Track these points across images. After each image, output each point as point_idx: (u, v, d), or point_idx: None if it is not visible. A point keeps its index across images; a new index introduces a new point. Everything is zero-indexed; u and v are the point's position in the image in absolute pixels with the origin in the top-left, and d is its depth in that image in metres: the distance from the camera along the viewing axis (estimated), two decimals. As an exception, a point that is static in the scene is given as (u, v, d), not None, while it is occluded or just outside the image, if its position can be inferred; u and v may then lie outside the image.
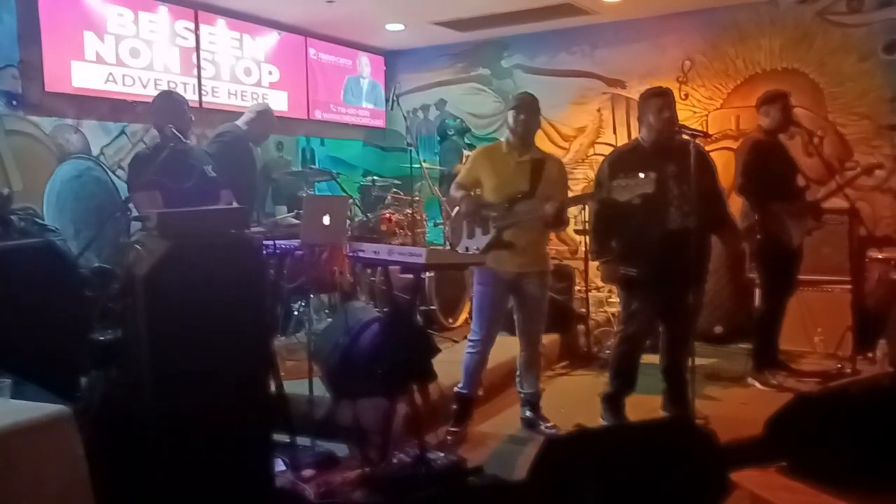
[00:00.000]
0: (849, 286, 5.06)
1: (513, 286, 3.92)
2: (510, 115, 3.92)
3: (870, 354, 4.81)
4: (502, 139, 4.07)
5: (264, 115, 4.98)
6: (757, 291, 4.98)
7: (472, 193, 3.96)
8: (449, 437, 3.85)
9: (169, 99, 4.14)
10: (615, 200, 3.60)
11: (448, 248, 4.91)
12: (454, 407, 3.98)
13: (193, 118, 4.19)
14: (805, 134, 5.26)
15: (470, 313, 4.83)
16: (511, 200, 3.82)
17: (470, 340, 3.98)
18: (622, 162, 3.78)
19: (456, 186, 4.05)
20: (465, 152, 6.78)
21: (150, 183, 3.70)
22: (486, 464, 3.51)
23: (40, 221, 4.01)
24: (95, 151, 5.35)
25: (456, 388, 4.00)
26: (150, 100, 4.46)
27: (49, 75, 4.98)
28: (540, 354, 4.11)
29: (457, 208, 4.08)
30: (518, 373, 4.13)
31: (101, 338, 2.82)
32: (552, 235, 7.28)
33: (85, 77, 5.18)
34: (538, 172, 3.88)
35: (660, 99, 3.81)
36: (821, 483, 3.11)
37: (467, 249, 3.92)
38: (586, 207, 5.35)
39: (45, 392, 2.53)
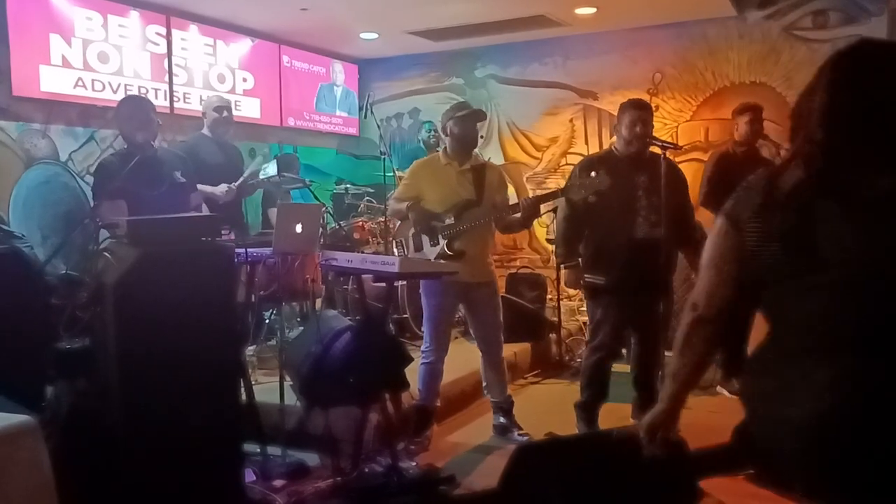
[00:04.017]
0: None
1: (462, 296, 3.93)
2: (451, 124, 3.91)
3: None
4: (438, 151, 4.09)
5: (213, 111, 4.90)
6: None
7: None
8: (411, 447, 3.83)
9: (133, 104, 4.08)
10: (582, 203, 3.67)
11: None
12: (414, 419, 3.94)
13: (161, 122, 4.15)
14: (772, 146, 5.36)
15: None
16: (459, 209, 3.84)
17: (423, 352, 3.97)
18: (591, 167, 3.81)
19: (396, 201, 4.06)
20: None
21: (117, 192, 3.64)
22: (458, 472, 3.51)
23: (6, 228, 3.95)
24: (64, 157, 5.27)
25: (413, 401, 3.96)
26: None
27: (16, 79, 4.90)
28: (502, 360, 4.11)
29: (399, 223, 4.10)
30: (484, 382, 4.14)
31: (69, 346, 2.78)
32: (525, 244, 7.36)
33: (53, 81, 5.11)
34: (481, 180, 3.91)
35: (634, 111, 3.86)
36: (788, 491, 3.16)
37: None
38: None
39: (9, 402, 2.48)
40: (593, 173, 3.59)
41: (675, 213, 3.75)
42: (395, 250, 4.21)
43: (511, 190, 5.75)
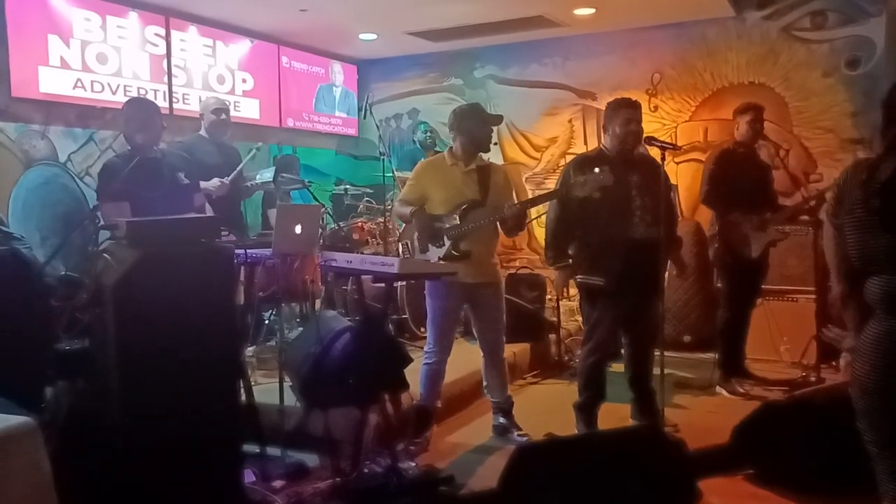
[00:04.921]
0: (813, 296, 5.15)
1: (468, 297, 3.92)
2: (470, 124, 3.90)
3: (833, 363, 4.90)
4: (444, 151, 4.09)
5: (212, 112, 4.92)
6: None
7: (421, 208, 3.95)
8: (411, 448, 3.82)
9: (137, 107, 4.08)
10: (575, 202, 3.67)
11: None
12: (414, 420, 3.92)
13: (165, 125, 4.15)
14: (771, 146, 5.36)
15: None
16: (464, 210, 3.84)
17: (426, 353, 3.96)
18: (585, 166, 3.80)
19: (401, 203, 4.04)
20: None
21: (119, 193, 3.65)
22: (458, 473, 3.51)
23: (5, 229, 3.93)
24: (63, 158, 5.27)
25: (415, 402, 3.94)
26: (118, 106, 4.41)
27: (15, 80, 4.90)
28: (503, 361, 4.10)
29: (403, 225, 4.08)
30: (485, 382, 4.14)
31: (68, 348, 2.78)
32: (524, 245, 7.36)
33: (52, 83, 5.11)
34: (486, 180, 3.91)
35: (628, 110, 3.85)
36: (787, 491, 3.16)
37: None
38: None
39: (9, 403, 2.48)
40: (597, 169, 3.58)
41: (663, 213, 3.75)
42: (400, 252, 4.21)
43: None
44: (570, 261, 3.91)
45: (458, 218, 3.83)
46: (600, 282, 3.81)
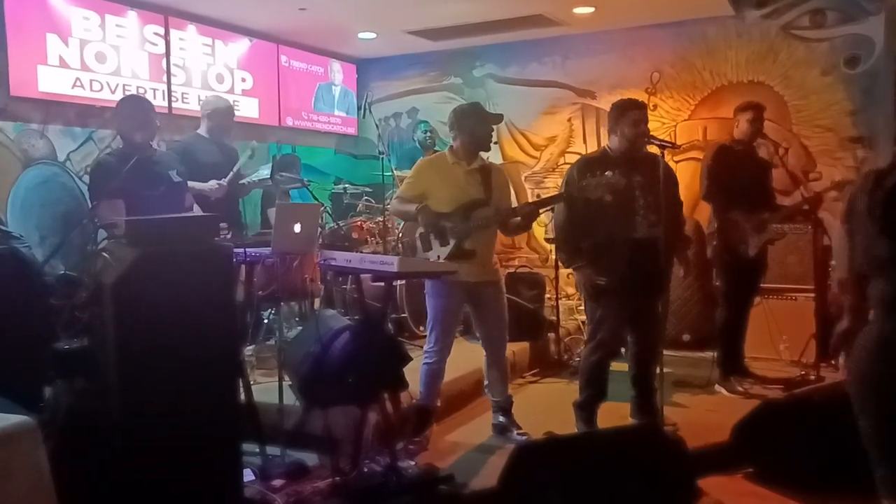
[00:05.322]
0: (813, 295, 5.16)
1: (469, 296, 3.92)
2: (471, 123, 3.90)
3: (833, 361, 4.90)
4: (444, 150, 4.08)
5: (216, 112, 4.96)
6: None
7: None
8: (410, 447, 3.82)
9: (134, 104, 4.08)
10: (585, 203, 3.68)
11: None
12: (413, 419, 3.92)
13: (160, 124, 4.14)
14: (770, 145, 5.36)
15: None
16: (468, 209, 3.84)
17: (426, 352, 3.96)
18: (591, 167, 3.80)
19: (400, 201, 4.02)
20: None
21: (115, 191, 3.64)
22: (457, 472, 3.51)
23: (4, 228, 3.94)
24: (62, 157, 5.26)
25: (414, 401, 3.94)
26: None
27: (14, 79, 4.89)
28: (506, 360, 4.10)
29: (402, 223, 4.07)
30: (486, 381, 4.14)
31: (67, 347, 2.77)
32: (523, 244, 7.36)
33: (51, 82, 5.10)
34: (488, 180, 3.92)
35: (637, 111, 3.86)
36: (787, 489, 3.17)
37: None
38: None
39: (8, 402, 2.48)
40: (608, 173, 3.59)
41: (668, 211, 3.75)
42: (401, 250, 4.21)
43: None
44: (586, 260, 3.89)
45: (463, 217, 3.82)
46: (602, 280, 3.82)
